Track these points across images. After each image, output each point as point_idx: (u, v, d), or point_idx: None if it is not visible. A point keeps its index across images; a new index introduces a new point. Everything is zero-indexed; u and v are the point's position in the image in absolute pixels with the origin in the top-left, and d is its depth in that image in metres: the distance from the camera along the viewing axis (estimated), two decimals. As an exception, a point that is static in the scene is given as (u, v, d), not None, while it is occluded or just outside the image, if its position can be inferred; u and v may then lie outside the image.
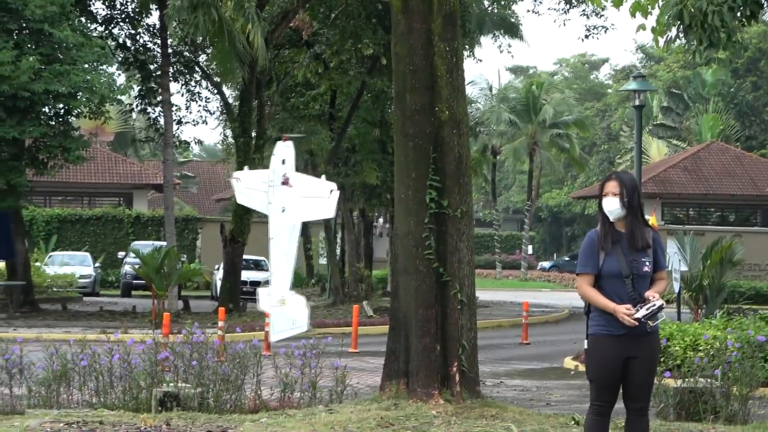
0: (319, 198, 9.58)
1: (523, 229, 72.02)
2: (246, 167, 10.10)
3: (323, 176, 9.95)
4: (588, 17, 32.24)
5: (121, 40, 30.08)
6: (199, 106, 33.54)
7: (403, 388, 11.15)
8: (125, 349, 11.25)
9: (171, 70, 29.70)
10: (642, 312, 6.63)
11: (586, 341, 7.01)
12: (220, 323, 17.08)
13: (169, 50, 28.92)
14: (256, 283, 32.56)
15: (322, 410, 10.77)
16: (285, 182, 9.48)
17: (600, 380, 6.94)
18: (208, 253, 42.10)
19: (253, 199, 9.67)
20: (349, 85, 30.87)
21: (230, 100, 32.65)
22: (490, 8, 33.32)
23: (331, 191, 9.61)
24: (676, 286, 21.88)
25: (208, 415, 10.50)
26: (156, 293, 25.84)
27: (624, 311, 6.63)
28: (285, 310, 9.58)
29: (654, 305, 6.67)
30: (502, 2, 33.75)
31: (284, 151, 9.62)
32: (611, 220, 6.87)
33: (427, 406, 10.64)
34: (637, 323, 6.63)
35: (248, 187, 9.63)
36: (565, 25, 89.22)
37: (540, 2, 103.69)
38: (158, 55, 29.04)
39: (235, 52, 24.74)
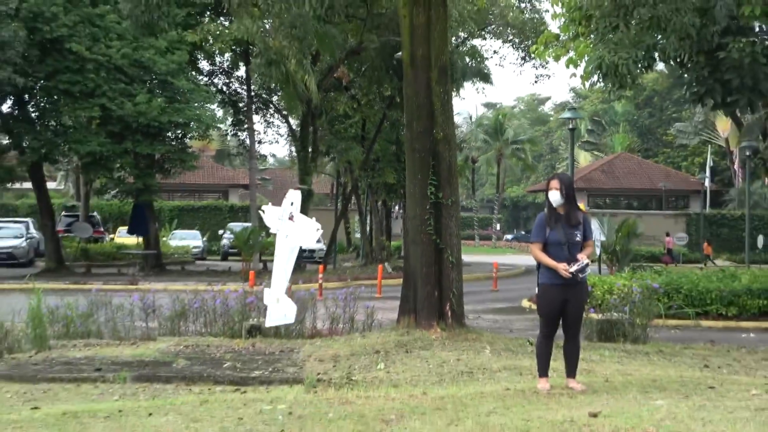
0: (309, 232, 9.56)
1: (493, 212, 71.92)
2: (269, 203, 9.96)
3: (313, 218, 9.86)
4: (537, 68, 32.92)
5: (219, 87, 30.05)
6: (273, 131, 33.65)
7: (412, 321, 11.17)
8: (224, 296, 11.32)
9: (253, 106, 29.67)
10: (574, 267, 6.62)
11: (537, 288, 7.00)
12: (288, 278, 17.02)
13: (252, 93, 28.89)
14: (312, 251, 32.61)
15: (357, 336, 10.82)
16: (290, 218, 9.51)
17: (546, 315, 6.92)
18: (280, 231, 42.07)
19: (271, 225, 9.68)
20: (374, 116, 30.78)
21: (294, 127, 32.53)
22: (470, 63, 33.03)
23: (317, 229, 9.62)
24: (598, 251, 21.82)
25: (280, 340, 10.56)
26: (245, 258, 25.94)
27: (562, 268, 6.61)
28: (279, 306, 9.55)
29: (582, 263, 6.66)
30: (478, 59, 33.48)
31: (294, 196, 9.59)
32: (554, 206, 6.83)
33: (429, 333, 10.68)
34: (571, 275, 6.61)
35: (269, 217, 9.66)
36: (521, 74, 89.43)
37: (504, 58, 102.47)
38: (245, 96, 29.02)
39: (297, 94, 24.70)
